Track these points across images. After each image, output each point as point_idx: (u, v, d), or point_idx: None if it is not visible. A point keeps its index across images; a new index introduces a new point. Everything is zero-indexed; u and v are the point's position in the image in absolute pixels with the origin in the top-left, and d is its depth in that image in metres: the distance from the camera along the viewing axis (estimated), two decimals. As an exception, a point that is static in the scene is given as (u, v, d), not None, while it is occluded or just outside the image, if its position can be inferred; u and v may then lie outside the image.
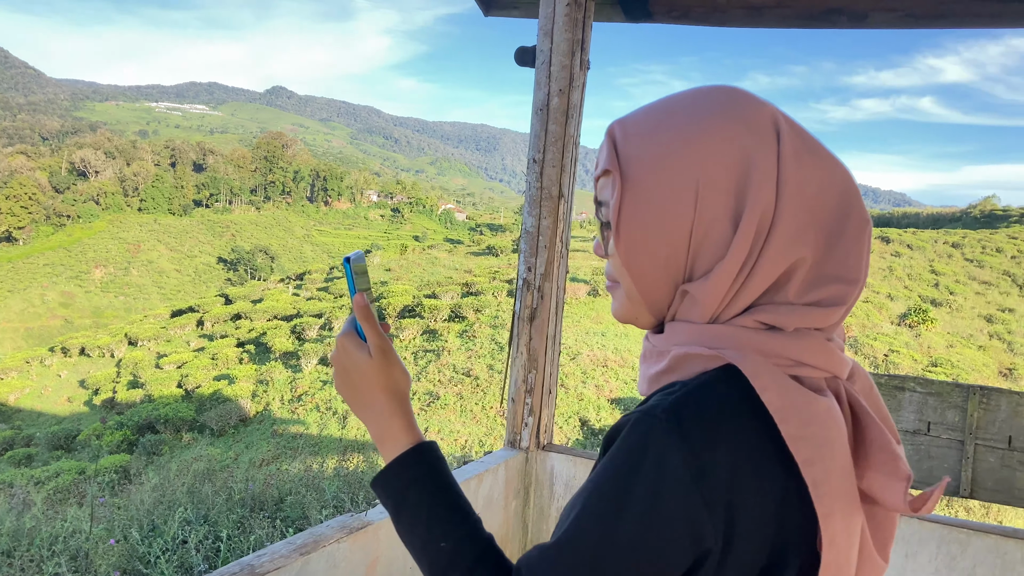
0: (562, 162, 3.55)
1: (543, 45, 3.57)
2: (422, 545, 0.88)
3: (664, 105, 0.85)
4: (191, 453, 22.65)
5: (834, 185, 0.80)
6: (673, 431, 0.74)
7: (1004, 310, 42.15)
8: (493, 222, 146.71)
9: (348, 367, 0.98)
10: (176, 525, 4.56)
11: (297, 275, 63.89)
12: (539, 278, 3.58)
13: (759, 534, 0.75)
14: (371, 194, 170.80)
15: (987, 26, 3.89)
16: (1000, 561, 3.03)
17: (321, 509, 4.91)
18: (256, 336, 37.85)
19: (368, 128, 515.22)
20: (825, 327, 0.81)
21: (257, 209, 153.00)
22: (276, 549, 2.35)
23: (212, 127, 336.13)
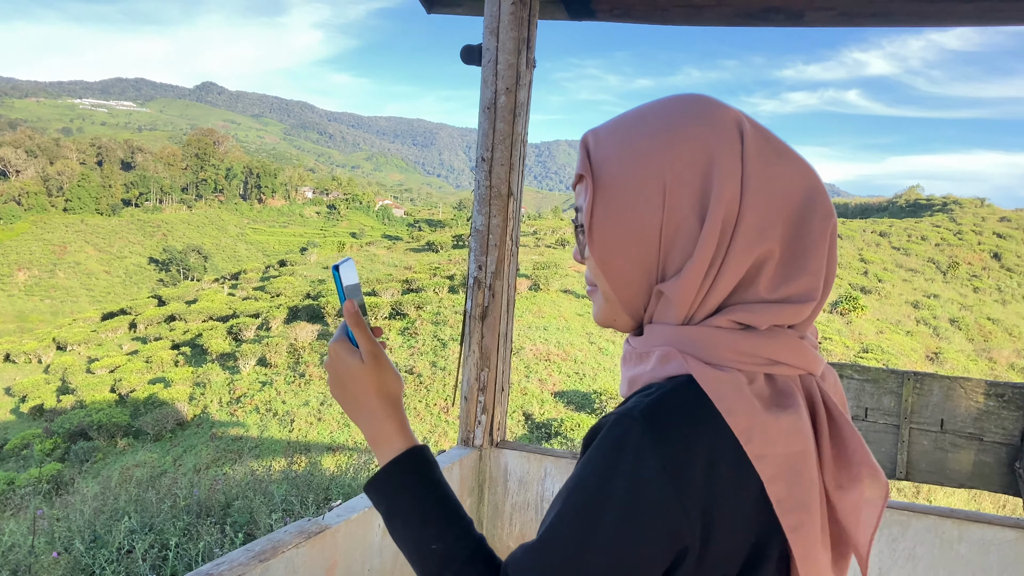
0: (511, 160, 3.56)
1: (489, 43, 3.57)
2: (415, 547, 0.89)
3: (634, 113, 0.88)
4: (127, 459, 22.10)
5: (798, 182, 0.83)
6: (649, 432, 0.75)
7: (929, 296, 43.67)
8: (432, 218, 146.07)
9: (342, 373, 0.99)
10: (121, 535, 4.45)
11: (232, 275, 62.71)
12: (490, 276, 3.59)
13: (737, 531, 0.77)
14: (306, 191, 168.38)
15: (916, 24, 4.02)
16: (939, 540, 3.15)
17: (270, 513, 4.84)
18: (191, 338, 37.07)
19: (302, 124, 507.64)
20: (797, 324, 0.83)
21: (189, 208, 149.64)
22: (234, 557, 2.32)
23: (140, 124, 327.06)
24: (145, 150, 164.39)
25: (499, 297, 3.63)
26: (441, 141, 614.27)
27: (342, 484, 6.08)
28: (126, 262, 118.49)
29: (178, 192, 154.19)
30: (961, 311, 42.01)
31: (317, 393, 25.98)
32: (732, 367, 0.80)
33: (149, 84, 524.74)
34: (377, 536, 2.95)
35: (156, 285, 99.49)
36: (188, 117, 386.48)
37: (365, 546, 2.87)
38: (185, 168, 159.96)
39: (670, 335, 0.84)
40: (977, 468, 5.13)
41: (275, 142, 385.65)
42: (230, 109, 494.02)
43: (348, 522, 2.73)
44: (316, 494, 5.44)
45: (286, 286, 46.43)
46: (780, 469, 0.77)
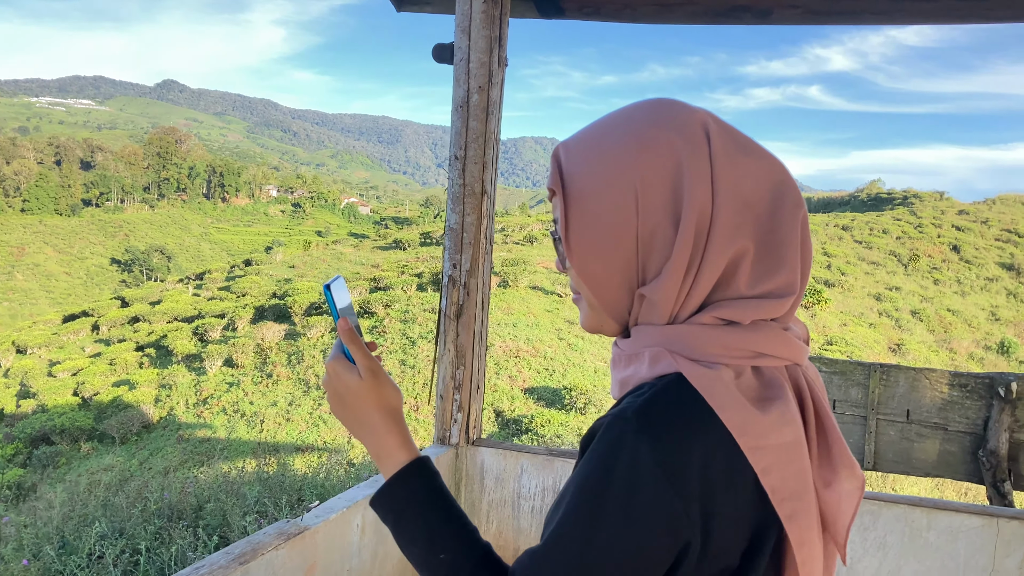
0: (484, 159, 3.57)
1: (461, 42, 3.57)
2: (423, 557, 0.91)
3: (601, 123, 0.90)
4: (92, 464, 21.75)
5: (767, 177, 0.85)
6: (644, 431, 0.77)
7: (891, 288, 44.38)
8: (398, 215, 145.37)
9: (341, 391, 1.01)
10: (92, 540, 4.39)
11: (197, 275, 61.91)
12: (464, 275, 3.59)
13: (736, 523, 0.79)
14: (270, 189, 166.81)
15: (881, 23, 4.09)
16: (908, 529, 3.21)
17: (244, 515, 4.80)
18: (156, 339, 36.54)
19: (265, 122, 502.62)
20: (779, 317, 0.86)
21: (151, 207, 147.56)
22: (214, 560, 2.31)
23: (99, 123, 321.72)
24: (105, 149, 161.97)
25: (474, 295, 3.64)
26: (407, 138, 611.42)
27: (314, 485, 6.05)
28: (87, 263, 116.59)
29: (140, 192, 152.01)
30: (922, 303, 42.75)
31: (285, 393, 25.78)
32: (719, 362, 0.82)
33: (108, 82, 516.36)
34: (356, 536, 2.94)
35: (118, 286, 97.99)
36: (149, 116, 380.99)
37: (344, 546, 2.87)
38: (147, 167, 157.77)
39: (657, 335, 0.86)
40: (942, 457, 5.24)
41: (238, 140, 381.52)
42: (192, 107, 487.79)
43: (327, 523, 2.72)
44: (289, 495, 5.41)
45: (252, 286, 45.95)
46: (773, 460, 0.79)
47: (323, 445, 20.54)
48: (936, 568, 3.17)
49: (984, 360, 36.00)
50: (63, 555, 4.37)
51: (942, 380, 5.23)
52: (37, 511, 6.02)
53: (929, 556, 3.18)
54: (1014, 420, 5.03)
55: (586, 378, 23.99)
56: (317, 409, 23.95)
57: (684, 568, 0.78)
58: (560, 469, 3.69)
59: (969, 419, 5.15)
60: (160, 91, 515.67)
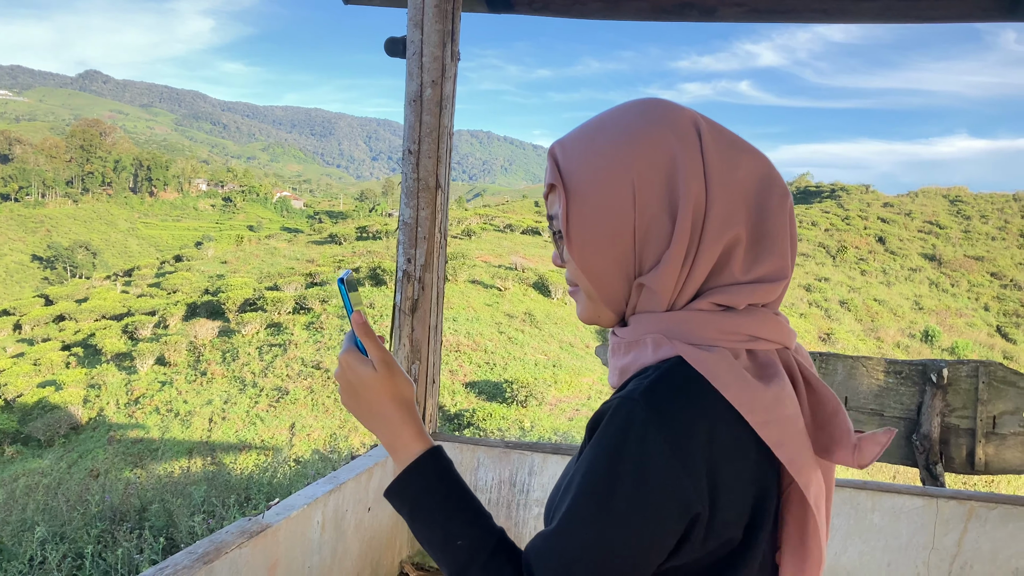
0: (438, 153, 3.57)
1: (413, 36, 3.56)
2: (440, 545, 0.92)
3: (596, 122, 0.95)
4: (17, 468, 21.01)
5: (754, 169, 0.90)
6: (651, 410, 0.80)
7: (820, 279, 45.61)
8: (332, 209, 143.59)
9: (354, 383, 1.01)
10: (33, 545, 4.27)
11: (125, 271, 60.16)
12: (419, 269, 3.59)
13: (741, 494, 0.84)
14: (200, 183, 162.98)
15: (821, 21, 4.20)
16: (854, 511, 3.34)
17: (192, 515, 4.72)
18: (83, 338, 35.39)
19: (194, 114, 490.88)
20: (770, 302, 0.91)
21: (74, 202, 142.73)
22: (178, 560, 2.28)
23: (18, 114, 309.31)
24: (24, 141, 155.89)
25: (429, 290, 3.64)
26: (340, 131, 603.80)
27: (260, 483, 5.97)
28: (6, 260, 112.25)
29: (62, 186, 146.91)
30: (850, 293, 44.04)
31: (220, 392, 25.28)
32: (717, 345, 0.86)
33: (26, 72, 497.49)
34: (316, 533, 2.93)
35: (41, 284, 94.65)
36: (71, 107, 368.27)
37: (305, 543, 2.85)
38: (69, 160, 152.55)
39: (656, 322, 0.90)
40: (879, 441, 5.43)
41: (166, 133, 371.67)
42: (116, 99, 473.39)
43: (288, 520, 2.70)
44: (237, 494, 5.33)
45: (183, 282, 44.86)
46: (783, 433, 0.83)
47: (261, 444, 20.22)
48: (880, 547, 3.30)
49: (909, 348, 37.31)
50: (1, 561, 4.24)
51: (878, 368, 5.42)
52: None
53: (874, 536, 3.30)
54: (945, 405, 5.24)
55: (527, 371, 24.08)
56: (254, 407, 23.57)
57: (691, 541, 0.82)
58: (517, 461, 3.73)
59: (904, 405, 5.35)
60: (82, 82, 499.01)
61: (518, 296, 33.04)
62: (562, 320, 31.20)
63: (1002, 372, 5.16)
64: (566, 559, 0.81)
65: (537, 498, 3.69)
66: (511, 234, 48.33)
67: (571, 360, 26.47)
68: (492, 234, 46.86)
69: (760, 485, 0.85)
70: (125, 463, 19.40)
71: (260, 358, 27.29)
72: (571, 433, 17.07)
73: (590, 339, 29.52)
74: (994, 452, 5.14)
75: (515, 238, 46.96)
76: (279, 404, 23.47)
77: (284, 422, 22.27)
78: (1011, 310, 46.43)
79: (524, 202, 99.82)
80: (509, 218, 54.67)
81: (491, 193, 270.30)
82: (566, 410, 21.66)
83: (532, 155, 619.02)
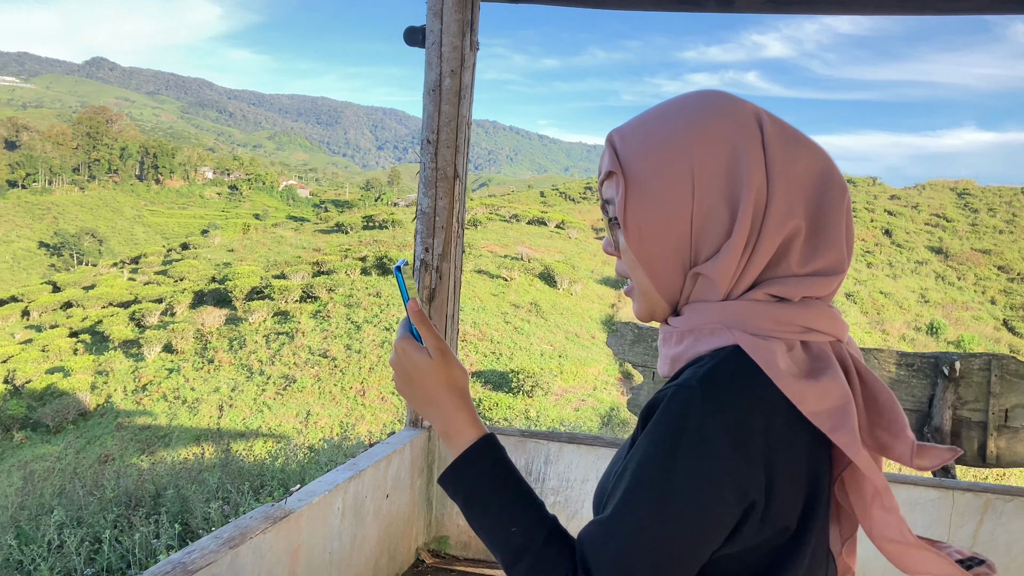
0: (456, 142, 3.58)
1: (433, 25, 3.56)
2: (494, 532, 0.93)
3: (656, 111, 0.95)
4: (26, 453, 21.15)
5: (815, 163, 0.91)
6: (709, 399, 0.81)
7: (826, 272, 45.47)
8: (339, 198, 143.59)
9: (410, 369, 1.02)
10: (51, 529, 4.31)
11: (132, 259, 60.34)
12: (437, 258, 3.60)
13: (796, 483, 0.85)
14: (206, 171, 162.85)
15: (839, 12, 4.19)
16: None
17: (207, 501, 4.76)
18: (91, 325, 35.53)
19: (200, 102, 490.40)
20: (825, 295, 0.92)
21: (81, 189, 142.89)
22: (204, 545, 2.30)
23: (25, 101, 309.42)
24: (31, 128, 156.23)
25: (446, 279, 3.65)
26: (347, 120, 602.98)
27: (273, 470, 6.00)
28: (13, 247, 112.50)
29: (69, 173, 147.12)
30: (856, 286, 43.97)
31: (227, 379, 25.37)
32: (772, 336, 0.87)
33: (33, 58, 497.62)
34: (337, 519, 2.96)
35: (48, 271, 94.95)
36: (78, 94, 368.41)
37: (326, 529, 2.88)
38: (76, 147, 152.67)
39: (713, 311, 0.91)
40: (890, 434, 5.44)
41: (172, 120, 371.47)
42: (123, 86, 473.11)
43: (310, 506, 2.73)
44: (251, 481, 5.37)
45: (190, 270, 44.95)
46: (837, 419, 0.83)
47: (268, 431, 20.31)
48: (896, 539, 3.32)
49: (915, 341, 37.25)
50: (20, 544, 4.29)
51: (890, 360, 5.42)
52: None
53: (889, 527, 3.32)
54: (957, 398, 5.24)
55: (533, 361, 24.12)
56: (261, 395, 23.65)
57: (747, 527, 0.83)
58: (533, 450, 3.75)
59: (915, 397, 5.36)
60: (89, 69, 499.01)
61: (524, 286, 33.04)
62: (568, 310, 31.21)
63: (1014, 365, 5.16)
64: (623, 545, 0.82)
65: (553, 487, 3.71)
66: (517, 224, 48.29)
67: (577, 350, 26.49)
68: (498, 224, 46.84)
69: (813, 474, 0.86)
70: (134, 449, 19.51)
71: (267, 346, 27.37)
72: (578, 423, 17.10)
73: (596, 330, 29.55)
74: (1006, 445, 5.14)
75: (521, 228, 46.93)
76: (286, 392, 23.56)
77: (291, 410, 22.36)
78: (1018, 304, 46.30)
79: (530, 192, 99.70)
80: (515, 208, 54.64)
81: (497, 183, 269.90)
82: (572, 400, 21.70)
83: (538, 145, 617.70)
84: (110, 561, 4.20)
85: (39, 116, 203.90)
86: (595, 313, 32.04)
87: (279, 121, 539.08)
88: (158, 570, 2.15)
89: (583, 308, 32.17)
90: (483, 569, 3.75)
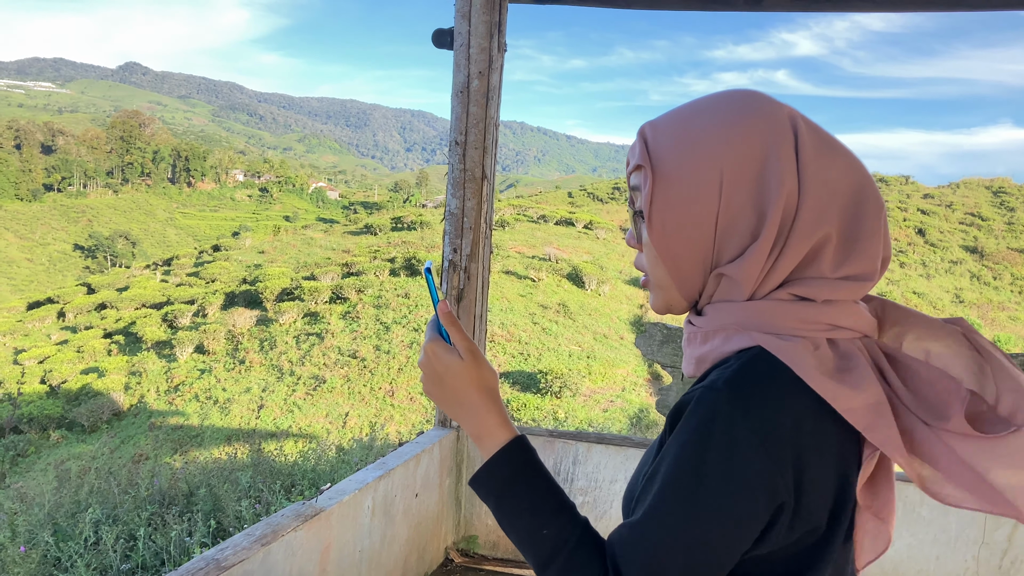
0: (484, 144, 3.59)
1: (461, 27, 3.58)
2: (526, 534, 0.93)
3: (690, 107, 0.94)
4: (62, 452, 21.49)
5: (850, 174, 0.89)
6: (737, 400, 0.81)
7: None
8: (367, 200, 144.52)
9: (440, 371, 1.01)
10: (87, 526, 4.38)
11: (164, 260, 61.13)
12: (465, 259, 3.62)
13: (825, 483, 0.84)
14: (237, 174, 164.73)
15: (871, 10, 4.15)
16: (902, 504, 3.31)
17: (239, 500, 4.81)
18: (124, 326, 36.05)
19: (231, 105, 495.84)
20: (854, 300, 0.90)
21: (115, 192, 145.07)
22: (237, 542, 2.33)
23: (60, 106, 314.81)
24: (67, 133, 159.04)
25: (474, 280, 3.67)
26: (375, 122, 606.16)
27: (304, 470, 6.06)
28: (49, 249, 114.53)
29: (103, 176, 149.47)
30: (888, 286, 43.44)
31: (258, 380, 25.61)
32: (797, 335, 0.86)
33: (69, 64, 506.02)
34: (367, 518, 2.98)
35: (83, 272, 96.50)
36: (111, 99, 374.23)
37: (356, 528, 2.90)
38: (110, 151, 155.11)
39: (737, 311, 0.90)
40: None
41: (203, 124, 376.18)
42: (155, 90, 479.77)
43: (340, 504, 2.75)
44: (282, 480, 5.42)
45: (221, 271, 45.46)
46: (870, 417, 0.82)
47: (298, 431, 20.47)
48: (929, 541, 3.28)
49: (949, 341, 36.63)
50: (58, 541, 4.37)
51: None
52: (27, 498, 5.98)
53: (922, 529, 3.28)
54: (992, 398, 5.16)
55: (561, 362, 24.09)
56: (292, 395, 23.85)
57: (777, 528, 0.83)
58: (561, 450, 3.75)
59: (949, 398, 5.28)
60: (122, 74, 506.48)
61: (552, 287, 33.01)
62: (596, 311, 31.14)
63: (1051, 366, 5.07)
64: (653, 548, 0.82)
65: (582, 487, 3.71)
66: (544, 225, 48.26)
67: (605, 351, 26.41)
68: (526, 225, 46.84)
69: (843, 473, 0.85)
70: (167, 449, 19.75)
71: (297, 347, 27.59)
72: (607, 424, 17.06)
73: (624, 331, 29.45)
74: (1042, 447, 5.06)
75: (549, 229, 46.90)
76: (316, 392, 23.73)
77: (321, 410, 22.51)
78: (1055, 304, 45.47)
79: (558, 193, 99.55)
80: (543, 209, 54.61)
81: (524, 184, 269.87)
82: (600, 401, 21.64)
83: (565, 146, 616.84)
84: (144, 558, 4.26)
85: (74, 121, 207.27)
86: (623, 314, 31.94)
87: (308, 124, 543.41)
88: (192, 567, 2.18)
89: (611, 309, 32.07)
90: (512, 569, 3.76)
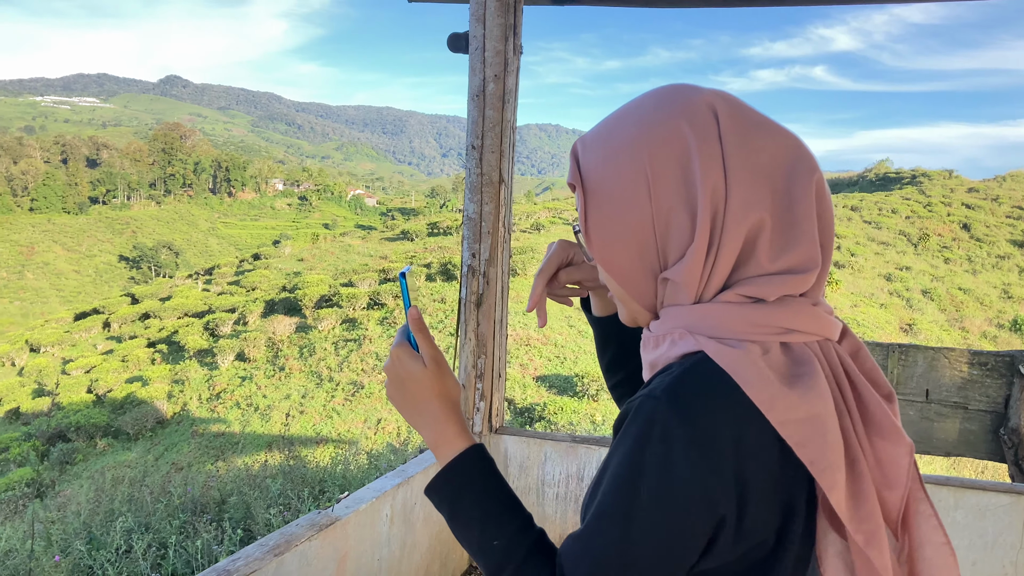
0: (501, 147, 3.56)
1: (475, 31, 3.56)
2: (477, 544, 0.92)
3: (614, 116, 0.91)
4: (108, 460, 21.90)
5: (782, 151, 0.85)
6: (674, 408, 0.77)
7: (901, 268, 44.19)
8: (404, 206, 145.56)
9: (403, 376, 1.01)
10: (119, 535, 4.43)
11: (206, 270, 62.18)
12: (484, 264, 3.59)
13: (770, 496, 0.79)
14: (276, 183, 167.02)
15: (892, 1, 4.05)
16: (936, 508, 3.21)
17: (268, 507, 4.83)
18: (167, 335, 36.72)
19: (269, 115, 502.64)
20: (805, 292, 0.85)
21: (158, 204, 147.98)
22: (250, 552, 2.33)
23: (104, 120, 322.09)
24: (110, 146, 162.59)
25: (493, 284, 3.64)
26: (411, 129, 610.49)
27: (335, 476, 6.07)
28: (96, 260, 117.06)
29: (146, 188, 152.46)
30: (933, 282, 42.58)
31: (298, 386, 25.88)
32: (747, 339, 0.81)
33: (112, 79, 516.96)
34: (385, 527, 2.96)
35: (127, 283, 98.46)
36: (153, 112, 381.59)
37: (374, 537, 2.88)
38: (152, 163, 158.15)
39: (683, 315, 0.86)
40: (963, 436, 5.23)
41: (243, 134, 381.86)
42: (195, 102, 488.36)
43: (357, 513, 2.74)
44: (311, 487, 5.44)
45: (261, 280, 46.08)
46: (806, 433, 0.78)
47: (338, 437, 20.63)
48: (964, 546, 3.17)
49: (997, 338, 35.87)
50: (91, 550, 4.42)
51: (961, 359, 5.21)
52: (63, 507, 6.07)
53: (957, 535, 3.18)
54: (1035, 397, 5.01)
55: (597, 365, 23.94)
56: (331, 401, 24.05)
57: (720, 543, 0.79)
58: (584, 456, 3.71)
59: (990, 397, 5.14)
60: (163, 87, 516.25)
61: (589, 289, 32.86)
62: (633, 313, 30.95)
63: (1097, 363, 4.91)
64: (595, 561, 0.80)
65: (605, 493, 3.67)
66: (581, 227, 48.08)
67: (643, 353, 26.23)
68: (561, 228, 46.77)
69: (790, 485, 0.81)
70: (208, 456, 20.03)
71: (336, 353, 27.83)
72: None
73: (662, 332, 29.24)
74: (1088, 447, 4.90)
75: (585, 231, 46.71)
76: (354, 398, 23.90)
77: (359, 416, 22.67)
78: (1108, 298, 44.20)
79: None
80: (579, 211, 54.42)
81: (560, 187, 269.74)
82: (638, 404, 21.49)
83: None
84: (175, 567, 4.29)
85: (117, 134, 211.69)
86: (661, 315, 31.69)
87: (346, 132, 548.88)
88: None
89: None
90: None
